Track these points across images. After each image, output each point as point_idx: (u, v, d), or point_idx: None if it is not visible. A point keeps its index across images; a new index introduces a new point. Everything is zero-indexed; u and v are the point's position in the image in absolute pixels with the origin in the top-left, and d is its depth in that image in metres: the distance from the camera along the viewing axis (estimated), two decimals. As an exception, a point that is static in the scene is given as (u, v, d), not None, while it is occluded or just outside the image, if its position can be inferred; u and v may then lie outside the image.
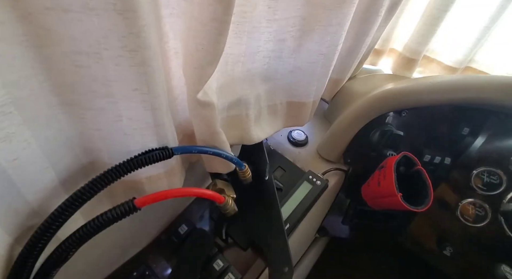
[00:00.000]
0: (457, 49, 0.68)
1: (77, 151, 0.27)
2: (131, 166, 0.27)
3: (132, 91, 0.24)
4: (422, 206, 0.43)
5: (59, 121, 0.24)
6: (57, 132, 0.24)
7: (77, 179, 0.29)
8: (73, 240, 0.25)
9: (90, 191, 0.26)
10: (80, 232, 0.25)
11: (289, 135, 0.62)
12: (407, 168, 0.48)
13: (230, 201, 0.35)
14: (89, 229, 0.26)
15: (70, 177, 0.28)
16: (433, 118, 0.54)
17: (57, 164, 0.25)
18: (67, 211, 0.25)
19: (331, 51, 0.46)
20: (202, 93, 0.30)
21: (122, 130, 0.27)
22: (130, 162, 0.27)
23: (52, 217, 0.25)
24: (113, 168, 0.27)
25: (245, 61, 0.42)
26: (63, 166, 0.26)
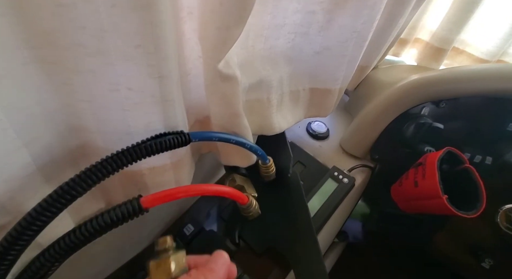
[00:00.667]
0: (490, 40, 0.62)
1: (61, 130, 0.21)
2: (138, 154, 0.21)
3: (134, 49, 0.18)
4: (474, 211, 0.36)
5: (36, 85, 0.18)
6: (33, 102, 0.18)
7: (64, 168, 0.23)
8: (58, 249, 0.19)
9: (83, 184, 0.19)
10: (67, 240, 0.19)
11: (308, 127, 0.55)
12: (450, 166, 0.42)
13: (254, 202, 0.29)
14: (80, 236, 0.19)
15: (54, 164, 0.22)
16: (475, 111, 0.47)
17: (33, 144, 0.19)
18: (50, 211, 0.19)
19: (366, 28, 0.39)
20: (224, 63, 0.24)
21: (120, 103, 0.21)
22: (137, 149, 0.21)
23: (29, 217, 0.18)
24: (116, 155, 0.20)
25: (268, 36, 0.36)
26: (42, 148, 0.20)
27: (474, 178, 0.38)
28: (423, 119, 0.46)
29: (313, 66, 0.43)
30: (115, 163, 0.20)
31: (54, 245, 0.19)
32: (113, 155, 0.21)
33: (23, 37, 0.16)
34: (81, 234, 0.19)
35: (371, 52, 0.53)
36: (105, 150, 0.22)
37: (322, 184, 0.44)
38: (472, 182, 0.38)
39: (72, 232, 0.19)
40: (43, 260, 0.19)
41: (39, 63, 0.17)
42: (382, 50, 0.55)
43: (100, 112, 0.21)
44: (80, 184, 0.19)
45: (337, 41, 0.40)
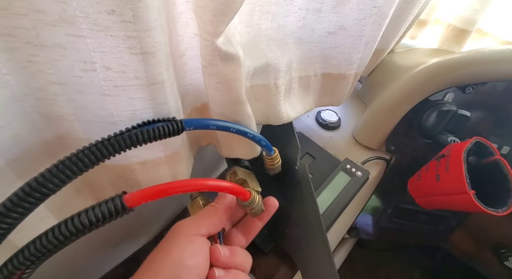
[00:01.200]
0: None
1: (33, 118, 0.18)
2: (121, 144, 0.18)
3: (107, 15, 0.14)
4: (504, 209, 0.32)
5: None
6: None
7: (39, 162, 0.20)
8: (28, 254, 0.16)
9: (58, 178, 0.17)
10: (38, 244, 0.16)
11: (318, 116, 0.51)
12: (477, 158, 0.38)
13: (257, 198, 0.26)
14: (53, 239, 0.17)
15: (27, 158, 0.19)
16: (504, 97, 0.42)
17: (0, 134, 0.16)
18: (21, 206, 0.16)
19: (387, 3, 0.35)
20: (224, 39, 0.20)
21: (98, 87, 0.17)
22: (120, 138, 0.18)
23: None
24: (95, 146, 0.17)
25: (276, 13, 0.32)
26: (11, 139, 0.17)
27: (505, 171, 0.34)
28: (447, 106, 0.42)
29: (326, 49, 0.38)
30: (94, 155, 0.17)
31: (33, 243, 0.17)
32: (91, 146, 0.18)
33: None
34: (54, 237, 0.16)
35: (389, 32, 0.48)
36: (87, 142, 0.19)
37: (333, 177, 0.41)
38: (502, 176, 0.34)
39: (44, 235, 0.17)
40: (19, 260, 0.16)
41: (-8, 35, 0.14)
42: (401, 31, 0.50)
43: (76, 97, 0.18)
44: (53, 178, 0.16)
45: (353, 19, 0.35)
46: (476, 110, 0.44)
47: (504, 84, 0.43)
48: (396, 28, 0.48)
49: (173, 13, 0.23)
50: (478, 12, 0.54)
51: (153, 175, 0.25)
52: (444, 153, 0.39)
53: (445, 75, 0.41)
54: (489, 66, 0.39)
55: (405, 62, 0.52)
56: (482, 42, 0.64)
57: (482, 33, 0.64)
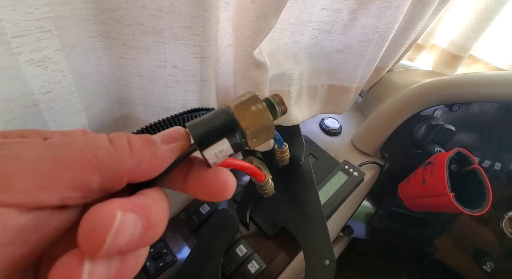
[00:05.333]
0: (508, 50, 0.62)
1: (112, 99, 0.24)
2: (176, 124, 0.23)
3: (184, 29, 0.20)
4: (479, 210, 0.38)
5: (98, 56, 0.20)
6: (94, 71, 0.21)
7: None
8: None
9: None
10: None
11: (322, 123, 0.57)
12: (459, 166, 0.43)
13: (270, 181, 0.31)
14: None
15: (102, 130, 0.24)
16: (488, 117, 0.48)
17: (90, 109, 0.22)
18: None
19: (388, 29, 0.41)
20: (258, 50, 0.26)
21: (164, 80, 0.23)
22: (176, 119, 0.23)
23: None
24: (155, 125, 0.23)
25: (293, 31, 0.38)
26: (96, 113, 0.23)
27: (481, 178, 0.40)
28: (435, 120, 0.48)
29: (333, 64, 0.45)
30: (154, 132, 0.23)
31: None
32: (151, 125, 0.23)
33: (94, 13, 0.19)
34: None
35: (388, 53, 0.54)
36: (145, 122, 0.25)
37: (332, 176, 0.46)
38: (479, 183, 0.40)
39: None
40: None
41: (103, 37, 0.20)
42: (399, 52, 0.57)
43: (147, 87, 0.23)
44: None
45: (358, 40, 0.42)
46: (462, 127, 0.50)
47: (488, 105, 0.49)
48: (395, 50, 0.54)
49: (217, 27, 0.29)
50: (471, 40, 0.61)
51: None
52: (430, 161, 0.44)
53: (434, 94, 0.47)
54: (473, 88, 0.45)
55: (402, 81, 0.59)
56: (474, 67, 0.71)
57: (474, 59, 0.71)
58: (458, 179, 0.42)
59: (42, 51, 0.17)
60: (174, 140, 0.13)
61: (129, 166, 0.11)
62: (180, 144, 0.13)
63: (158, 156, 0.12)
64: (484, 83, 0.45)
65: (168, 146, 0.12)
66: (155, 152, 0.12)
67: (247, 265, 0.37)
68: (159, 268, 0.37)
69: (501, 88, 0.43)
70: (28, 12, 0.16)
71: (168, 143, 0.12)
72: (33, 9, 0.16)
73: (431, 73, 0.69)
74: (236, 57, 0.28)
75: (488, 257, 0.53)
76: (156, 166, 0.12)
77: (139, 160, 0.11)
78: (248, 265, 0.38)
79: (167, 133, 0.13)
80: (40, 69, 0.17)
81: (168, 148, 0.12)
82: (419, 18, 0.49)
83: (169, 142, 0.13)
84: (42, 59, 0.17)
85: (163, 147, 0.12)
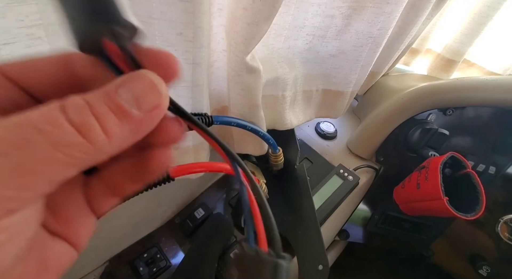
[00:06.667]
0: (503, 54, 0.63)
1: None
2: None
3: (176, 36, 0.20)
4: (472, 214, 0.38)
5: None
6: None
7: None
8: None
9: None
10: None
11: (317, 127, 0.58)
12: (452, 170, 0.44)
13: (264, 186, 0.31)
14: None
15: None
16: (482, 121, 0.49)
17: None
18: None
19: (381, 35, 0.42)
20: (251, 56, 0.26)
21: (157, 85, 0.23)
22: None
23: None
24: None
25: (287, 36, 0.39)
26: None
27: (475, 182, 0.40)
28: (429, 125, 0.48)
29: (327, 68, 0.45)
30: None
31: None
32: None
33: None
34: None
35: (383, 58, 0.55)
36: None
37: (327, 180, 0.46)
38: (473, 187, 0.40)
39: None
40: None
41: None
42: (394, 58, 0.57)
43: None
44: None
45: (352, 45, 0.42)
46: (456, 131, 0.50)
47: (482, 109, 0.49)
48: (389, 55, 0.55)
49: (210, 33, 0.29)
50: (465, 45, 0.62)
51: (181, 161, 0.30)
52: (425, 165, 0.44)
53: (428, 98, 0.47)
54: (466, 93, 0.46)
55: (397, 85, 0.59)
56: (469, 72, 0.71)
57: (469, 63, 0.71)
58: (452, 183, 0.42)
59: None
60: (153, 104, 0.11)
61: (110, 152, 0.10)
62: (162, 110, 0.11)
63: (140, 132, 0.11)
64: (478, 88, 0.45)
65: (148, 115, 0.10)
66: (136, 130, 0.10)
67: (241, 270, 0.37)
68: (153, 273, 0.37)
69: (495, 92, 0.44)
70: (18, 19, 0.16)
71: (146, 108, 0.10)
72: (24, 16, 0.16)
73: (426, 77, 0.70)
74: (229, 63, 0.28)
75: (484, 262, 0.53)
76: (136, 138, 0.11)
77: (120, 143, 0.10)
78: (242, 270, 0.37)
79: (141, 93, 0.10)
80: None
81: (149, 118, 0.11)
82: (412, 23, 0.49)
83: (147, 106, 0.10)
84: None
85: (141, 116, 0.10)
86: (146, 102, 0.10)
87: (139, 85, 0.10)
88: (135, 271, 0.37)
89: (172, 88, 0.24)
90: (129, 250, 0.39)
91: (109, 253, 0.38)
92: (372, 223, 0.56)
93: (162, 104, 0.11)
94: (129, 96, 0.10)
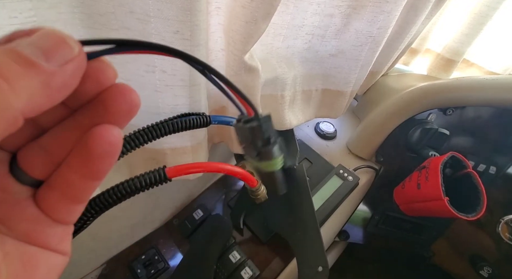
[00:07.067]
0: (503, 54, 0.63)
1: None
2: (165, 129, 0.23)
3: (172, 34, 0.20)
4: (473, 214, 0.38)
5: (85, 61, 0.20)
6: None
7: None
8: (89, 207, 0.21)
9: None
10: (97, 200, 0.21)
11: (317, 127, 0.57)
12: (453, 171, 0.43)
13: (263, 187, 0.31)
14: (108, 197, 0.21)
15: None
16: (482, 121, 0.49)
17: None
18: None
19: (381, 34, 0.41)
20: (249, 56, 0.26)
21: (153, 85, 0.23)
22: (165, 125, 0.23)
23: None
24: (143, 130, 0.23)
25: (286, 35, 0.38)
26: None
27: (475, 182, 0.40)
28: (429, 124, 0.48)
29: (327, 68, 0.45)
30: (143, 137, 0.23)
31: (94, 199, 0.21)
32: (142, 129, 0.23)
33: (81, 17, 0.19)
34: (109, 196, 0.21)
35: (382, 58, 0.55)
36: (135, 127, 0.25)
37: (327, 180, 0.46)
38: (474, 187, 0.40)
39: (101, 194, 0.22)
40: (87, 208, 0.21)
41: (90, 42, 0.20)
42: (393, 57, 0.57)
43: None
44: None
45: (352, 45, 0.42)
46: (456, 131, 0.50)
47: (482, 109, 0.49)
48: (389, 54, 0.54)
49: (207, 32, 0.29)
50: (464, 45, 0.62)
51: (179, 161, 0.30)
52: (425, 165, 0.44)
53: (427, 98, 0.47)
54: (465, 92, 0.45)
55: (397, 85, 0.59)
56: (469, 71, 0.71)
57: (468, 63, 0.71)
58: (453, 183, 0.42)
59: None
60: (65, 57, 0.09)
61: (18, 106, 0.09)
62: (77, 64, 0.10)
63: (55, 86, 0.09)
64: (478, 87, 0.45)
65: (61, 68, 0.09)
66: (49, 83, 0.09)
67: (240, 272, 0.37)
68: (151, 275, 0.37)
69: (495, 92, 0.43)
70: (12, 17, 0.16)
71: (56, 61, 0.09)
72: (17, 13, 0.16)
73: (426, 77, 0.70)
74: (227, 62, 0.28)
75: (485, 262, 0.52)
76: (55, 96, 0.10)
77: (33, 99, 0.09)
78: (241, 271, 0.37)
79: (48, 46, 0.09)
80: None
81: (63, 71, 0.09)
82: (412, 23, 0.49)
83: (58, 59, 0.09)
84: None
85: (52, 69, 0.09)
86: (56, 55, 0.09)
87: (46, 40, 0.09)
88: (133, 273, 0.37)
89: (169, 87, 0.24)
90: (126, 251, 0.38)
91: (107, 255, 0.37)
92: (372, 224, 0.56)
93: (76, 59, 0.10)
94: (36, 50, 0.09)
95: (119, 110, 0.11)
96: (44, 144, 0.11)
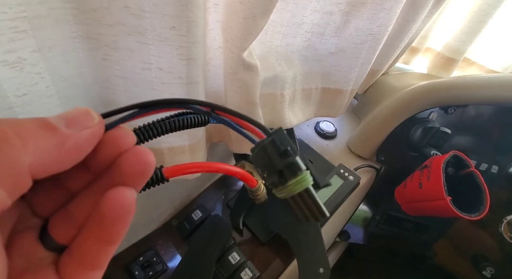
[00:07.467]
0: (504, 52, 0.62)
1: (96, 102, 0.23)
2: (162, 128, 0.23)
3: (168, 30, 0.20)
4: (476, 214, 0.37)
5: (79, 58, 0.20)
6: (75, 73, 0.20)
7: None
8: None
9: None
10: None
11: (317, 126, 0.57)
12: (455, 170, 0.43)
13: (262, 186, 0.30)
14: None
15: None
16: (484, 119, 0.48)
17: (71, 113, 0.21)
18: None
19: (381, 31, 0.41)
20: (248, 53, 0.25)
21: (150, 82, 0.22)
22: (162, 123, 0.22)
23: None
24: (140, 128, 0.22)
25: (286, 33, 0.38)
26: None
27: (478, 182, 0.39)
28: (431, 123, 0.47)
29: (327, 66, 0.44)
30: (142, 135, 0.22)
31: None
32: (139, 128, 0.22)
33: (73, 13, 0.18)
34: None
35: (383, 56, 0.54)
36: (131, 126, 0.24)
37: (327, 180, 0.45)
38: (476, 187, 0.39)
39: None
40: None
41: (84, 38, 0.19)
42: (394, 55, 0.56)
43: (132, 89, 0.23)
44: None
45: (352, 43, 0.41)
46: (458, 129, 0.49)
47: (483, 108, 0.48)
48: (389, 52, 0.54)
49: (205, 29, 0.28)
50: (465, 43, 0.61)
51: (176, 160, 0.29)
52: (427, 164, 0.44)
53: (429, 96, 0.46)
54: (467, 91, 0.45)
55: (397, 83, 0.58)
56: (469, 70, 0.71)
57: (469, 62, 0.71)
58: (455, 183, 0.41)
59: (16, 52, 0.16)
60: (84, 125, 0.10)
61: (26, 162, 0.09)
62: (94, 131, 0.11)
63: (66, 146, 0.10)
64: (479, 86, 0.45)
65: (78, 133, 0.10)
66: (62, 142, 0.10)
67: (240, 273, 0.36)
68: (149, 277, 0.36)
69: (496, 90, 0.43)
70: (1, 12, 0.16)
71: (76, 127, 0.10)
72: (7, 8, 0.16)
73: (426, 76, 0.69)
74: (225, 59, 0.28)
75: (487, 262, 0.52)
76: (66, 159, 0.10)
77: (40, 153, 0.09)
78: (241, 273, 0.36)
79: (72, 115, 0.11)
80: (15, 70, 0.16)
81: (79, 136, 0.10)
82: (412, 20, 0.49)
83: (77, 126, 0.10)
84: (16, 61, 0.16)
85: (69, 133, 0.10)
86: (76, 122, 0.10)
87: (72, 112, 0.11)
88: (130, 275, 0.36)
89: (166, 85, 0.23)
90: (124, 253, 0.38)
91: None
92: (373, 224, 0.55)
93: (95, 127, 0.11)
94: (59, 119, 0.10)
95: (133, 171, 0.12)
96: (71, 209, 0.12)
